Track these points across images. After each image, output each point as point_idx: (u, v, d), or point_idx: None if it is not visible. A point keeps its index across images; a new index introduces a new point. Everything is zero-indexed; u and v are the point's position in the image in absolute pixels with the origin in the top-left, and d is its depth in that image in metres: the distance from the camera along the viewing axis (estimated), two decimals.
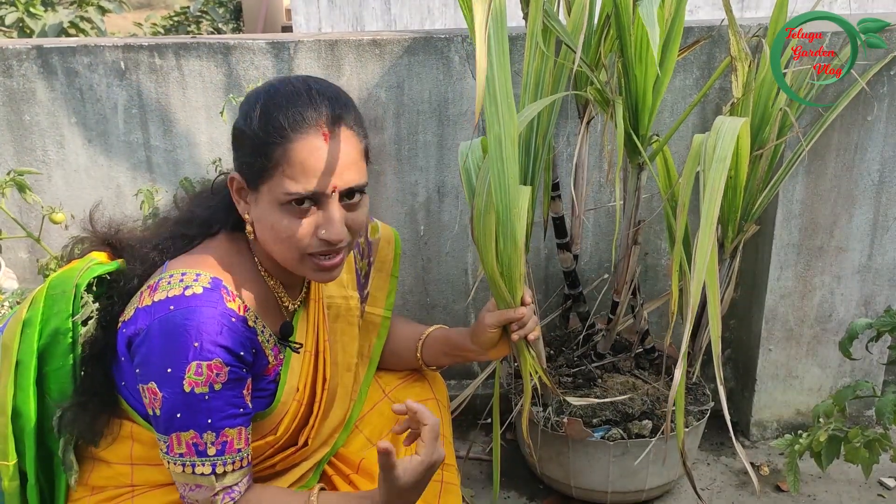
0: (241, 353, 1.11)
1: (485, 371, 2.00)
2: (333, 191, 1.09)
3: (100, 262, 1.22)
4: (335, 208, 1.10)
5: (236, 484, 1.14)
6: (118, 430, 1.20)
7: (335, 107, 1.10)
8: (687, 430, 1.78)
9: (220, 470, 1.11)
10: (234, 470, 1.13)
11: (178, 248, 1.19)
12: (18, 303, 1.61)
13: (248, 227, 1.16)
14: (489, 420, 2.07)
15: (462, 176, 1.49)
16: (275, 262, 1.19)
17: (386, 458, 1.08)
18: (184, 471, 1.11)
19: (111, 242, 1.27)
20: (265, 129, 1.08)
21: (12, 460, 1.17)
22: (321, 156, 1.07)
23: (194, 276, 1.11)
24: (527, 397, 1.53)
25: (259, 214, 1.13)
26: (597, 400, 1.79)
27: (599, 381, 1.91)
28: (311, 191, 1.07)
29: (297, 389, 1.24)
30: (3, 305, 1.63)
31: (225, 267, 1.16)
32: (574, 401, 1.76)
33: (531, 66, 1.59)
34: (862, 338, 1.63)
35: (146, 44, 1.93)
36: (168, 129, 1.99)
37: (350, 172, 1.10)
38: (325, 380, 1.28)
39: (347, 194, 1.11)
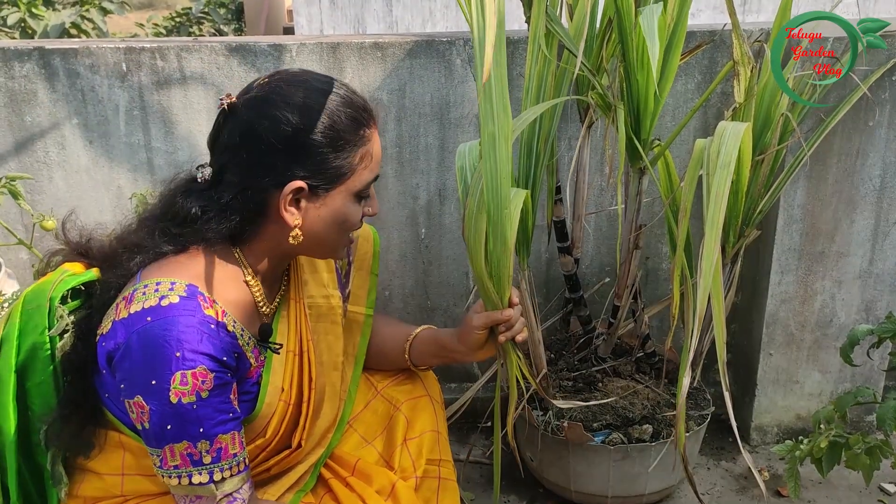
0: (224, 359, 1.10)
1: (485, 374, 1.99)
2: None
3: (73, 274, 1.21)
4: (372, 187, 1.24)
5: (237, 490, 1.13)
6: (105, 440, 1.19)
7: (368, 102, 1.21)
8: (688, 434, 1.77)
9: (217, 477, 1.10)
10: (232, 476, 1.12)
11: (152, 256, 1.16)
12: None
13: (296, 232, 1.15)
14: (489, 423, 2.07)
15: (457, 175, 1.49)
16: (269, 262, 1.20)
17: None
18: (180, 483, 1.10)
19: (83, 252, 1.26)
20: (355, 132, 1.15)
21: None
22: (380, 146, 1.22)
23: (169, 284, 1.09)
24: (512, 399, 1.53)
25: (325, 215, 1.16)
26: (583, 403, 1.78)
27: (600, 385, 1.91)
28: (377, 174, 1.22)
29: (282, 389, 1.23)
30: (3, 307, 1.62)
31: (201, 273, 1.14)
32: (560, 404, 1.75)
33: (533, 70, 1.59)
34: (863, 344, 1.62)
35: (148, 45, 1.93)
36: (169, 131, 1.99)
37: None
38: (311, 379, 1.27)
39: None
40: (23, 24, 5.88)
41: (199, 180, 1.17)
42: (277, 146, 1.11)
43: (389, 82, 1.98)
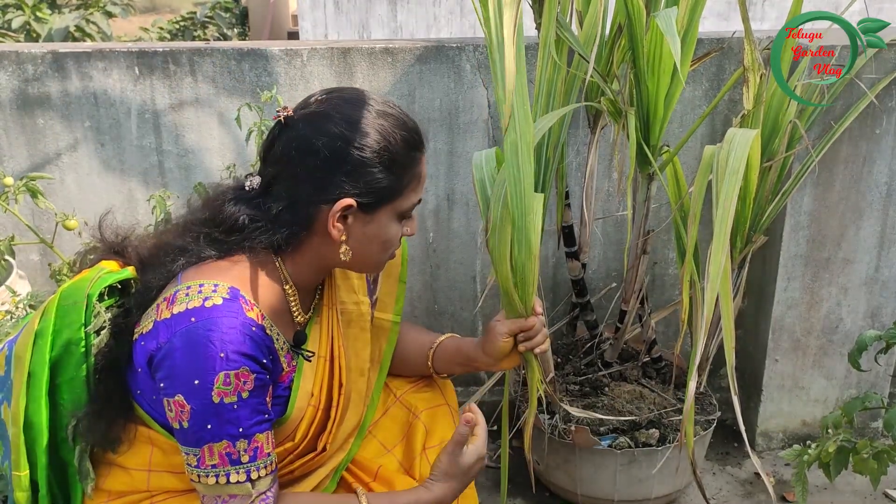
0: (264, 361, 1.12)
1: (492, 378, 2.00)
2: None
3: (110, 272, 1.22)
4: None
5: (269, 489, 1.14)
6: (134, 435, 1.20)
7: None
8: (694, 439, 1.78)
9: (254, 476, 1.11)
10: (266, 475, 1.13)
11: (194, 260, 1.17)
12: (32, 306, 1.61)
13: (345, 248, 1.17)
14: (496, 427, 2.08)
15: (476, 187, 1.49)
16: (308, 274, 1.22)
17: (467, 429, 1.22)
18: (217, 482, 1.10)
19: (119, 251, 1.27)
20: (407, 154, 1.17)
21: (24, 471, 1.16)
22: (426, 170, 1.24)
23: (212, 286, 1.11)
24: (531, 411, 1.53)
25: (370, 233, 1.18)
26: (601, 416, 1.79)
27: (606, 389, 1.92)
28: (420, 197, 1.24)
29: (312, 394, 1.24)
30: (17, 307, 1.63)
31: (241, 276, 1.16)
32: (576, 412, 1.76)
33: (543, 76, 1.60)
34: (870, 349, 1.63)
35: (160, 49, 1.94)
36: (180, 135, 2.00)
37: None
38: (341, 385, 1.29)
39: None
40: (27, 28, 5.89)
41: (248, 189, 1.19)
42: (332, 162, 1.12)
43: (399, 87, 1.99)
